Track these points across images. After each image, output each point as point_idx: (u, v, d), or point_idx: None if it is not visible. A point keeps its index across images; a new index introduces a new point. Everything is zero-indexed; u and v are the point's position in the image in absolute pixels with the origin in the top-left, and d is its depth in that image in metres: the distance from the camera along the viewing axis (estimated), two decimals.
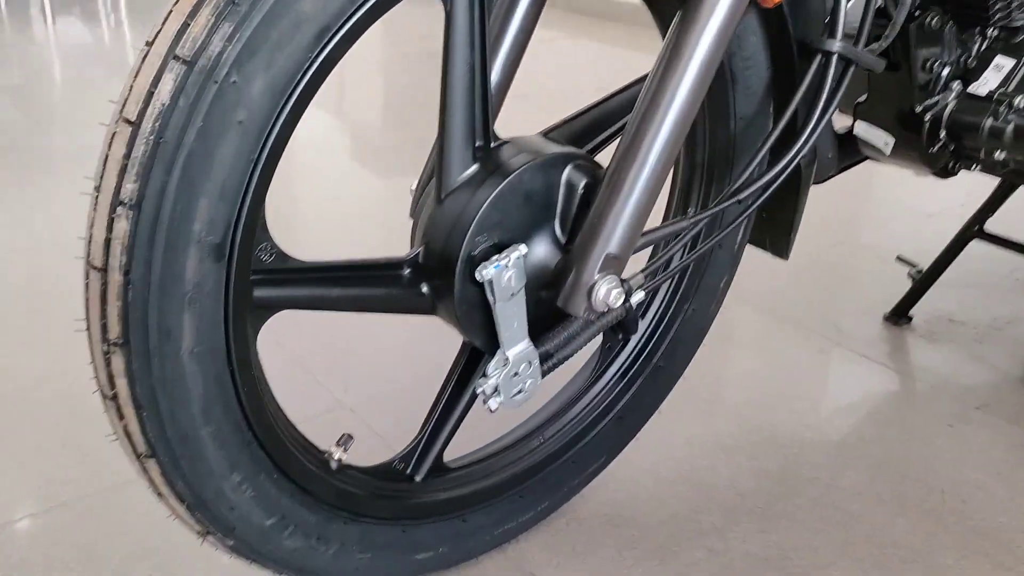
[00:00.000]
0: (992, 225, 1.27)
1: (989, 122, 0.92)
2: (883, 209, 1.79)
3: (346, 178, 1.69)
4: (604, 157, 0.76)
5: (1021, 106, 0.91)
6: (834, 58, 0.75)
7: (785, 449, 1.05)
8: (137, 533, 0.88)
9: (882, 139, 0.99)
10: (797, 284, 1.45)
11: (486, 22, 0.64)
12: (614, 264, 0.67)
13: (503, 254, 0.65)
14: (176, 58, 0.49)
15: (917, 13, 0.92)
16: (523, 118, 0.89)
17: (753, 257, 0.95)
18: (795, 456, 1.04)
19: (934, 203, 1.73)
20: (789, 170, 0.78)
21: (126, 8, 4.22)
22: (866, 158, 1.04)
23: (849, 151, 1.02)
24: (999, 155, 0.95)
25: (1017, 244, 1.24)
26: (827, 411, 1.14)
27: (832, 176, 1.03)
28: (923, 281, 1.34)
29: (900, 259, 1.39)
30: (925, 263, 1.32)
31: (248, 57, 0.50)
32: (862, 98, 1.00)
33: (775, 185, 0.79)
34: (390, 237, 0.80)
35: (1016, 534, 0.92)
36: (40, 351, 1.21)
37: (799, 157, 0.78)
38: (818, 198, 0.97)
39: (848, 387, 1.20)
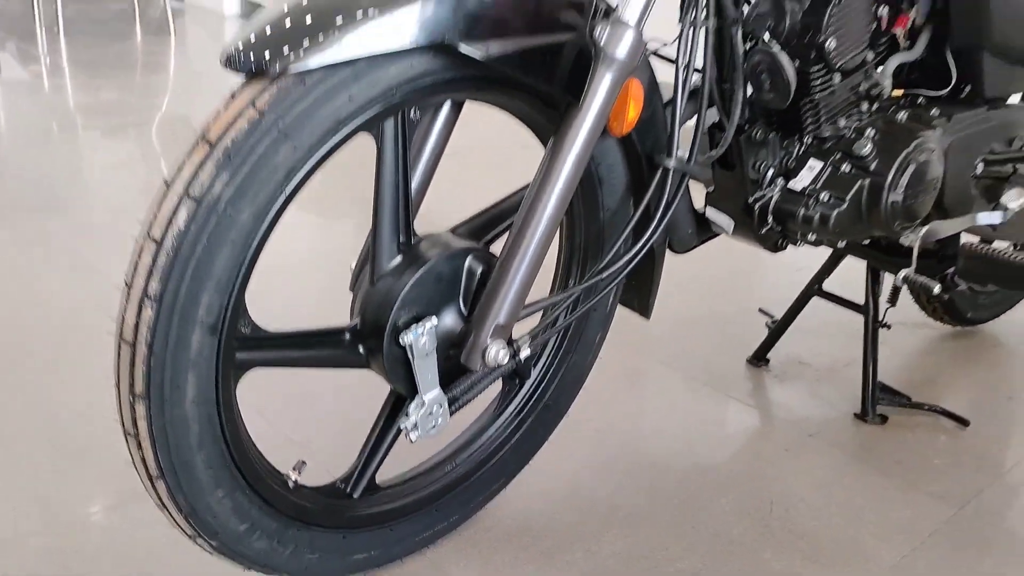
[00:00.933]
0: (831, 284, 1.55)
1: (803, 211, 1.18)
2: (762, 264, 2.08)
3: (301, 255, 1.91)
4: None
5: (824, 200, 1.18)
6: (670, 172, 1.00)
7: (655, 470, 1.29)
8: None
9: (726, 222, 1.25)
10: (678, 332, 1.71)
11: (408, 148, 0.87)
12: (502, 331, 0.90)
13: (420, 324, 0.87)
14: (189, 196, 0.71)
15: (747, 126, 1.19)
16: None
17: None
18: (663, 476, 1.28)
19: (805, 260, 2.03)
20: (643, 252, 1.03)
21: (66, 50, 4.34)
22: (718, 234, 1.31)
23: (705, 228, 1.28)
24: (811, 237, 1.22)
25: (846, 301, 1.52)
26: (692, 439, 1.39)
27: (694, 247, 1.29)
28: (777, 329, 1.61)
29: (761, 311, 1.67)
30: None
31: (239, 196, 0.71)
32: (710, 188, 1.26)
33: (633, 263, 1.03)
34: (338, 303, 1.02)
35: (825, 534, 1.17)
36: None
37: (650, 242, 1.03)
38: (704, 255, 1.23)
39: (711, 420, 1.46)
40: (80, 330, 1.59)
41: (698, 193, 1.19)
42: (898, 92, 1.27)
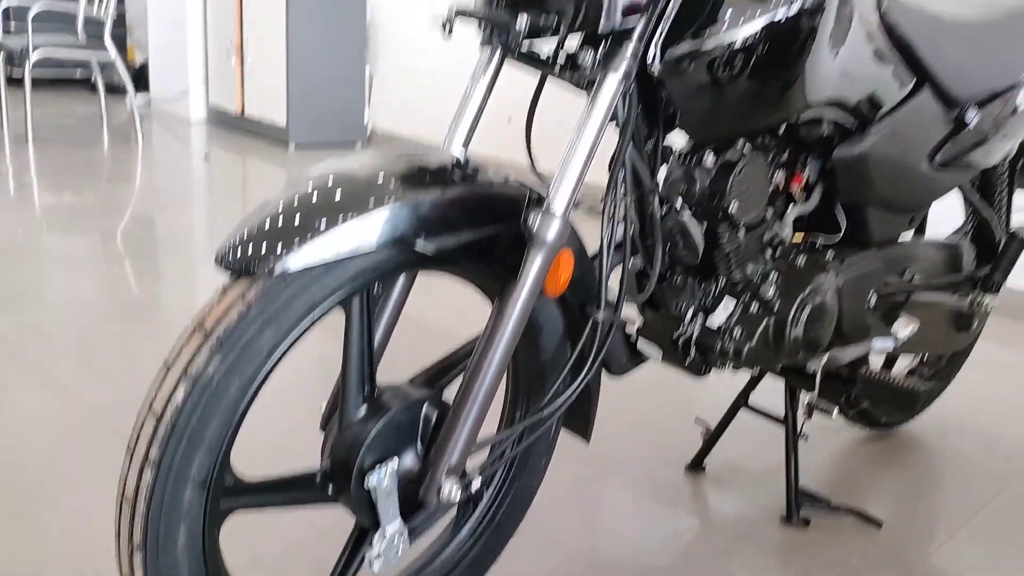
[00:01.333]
0: (758, 395, 1.72)
1: (720, 345, 1.35)
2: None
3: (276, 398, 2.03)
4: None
5: (737, 335, 1.35)
6: (599, 323, 1.17)
7: (599, 571, 1.42)
8: None
9: (655, 352, 1.42)
10: (622, 442, 1.85)
11: (372, 317, 1.02)
12: (455, 470, 1.04)
13: (382, 466, 1.01)
14: (187, 375, 0.85)
15: (668, 273, 1.37)
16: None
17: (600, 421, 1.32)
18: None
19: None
20: (579, 390, 1.18)
21: (34, 156, 4.47)
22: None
23: (639, 354, 1.44)
24: (729, 366, 1.39)
25: (769, 414, 1.68)
26: (638, 544, 1.52)
27: (628, 372, 1.45)
28: (711, 438, 1.77)
29: (697, 420, 1.82)
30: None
31: (229, 373, 0.86)
32: (640, 323, 1.43)
33: (571, 400, 1.18)
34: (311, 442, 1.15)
35: None
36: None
37: (584, 382, 1.18)
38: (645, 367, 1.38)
39: (654, 525, 1.59)
40: (48, 452, 1.69)
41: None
42: (799, 237, 1.47)
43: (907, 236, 1.66)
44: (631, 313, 1.38)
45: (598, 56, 1.06)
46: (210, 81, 5.69)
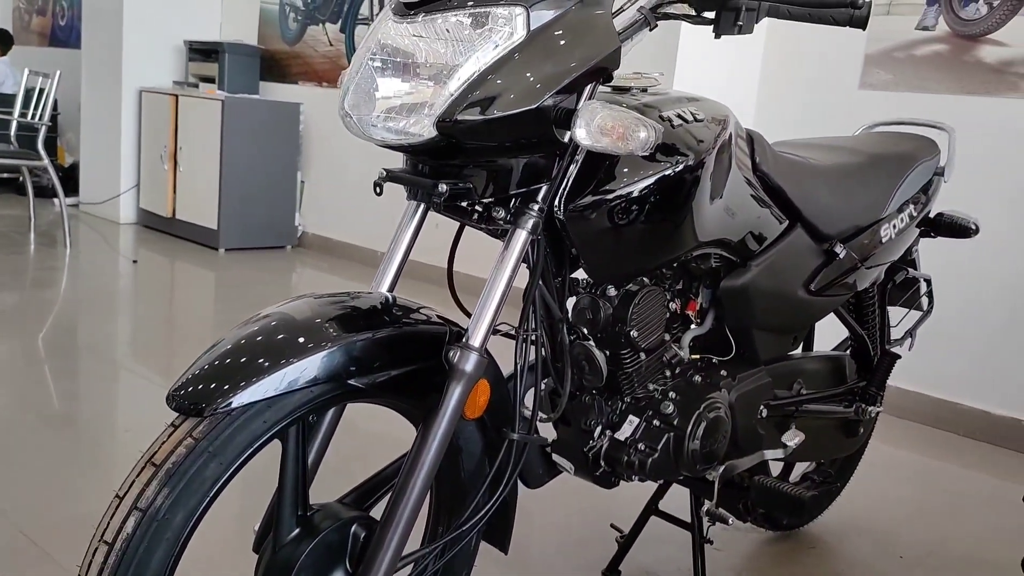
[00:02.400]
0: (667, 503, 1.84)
1: (626, 458, 1.49)
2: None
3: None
4: None
5: (642, 449, 1.49)
6: (515, 442, 1.29)
7: None
8: None
9: (568, 465, 1.54)
10: (544, 550, 1.94)
11: (306, 444, 1.12)
12: None
13: None
14: (137, 508, 0.93)
15: (578, 392, 1.51)
16: None
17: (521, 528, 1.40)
18: None
19: None
20: (497, 505, 1.29)
21: None
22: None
23: (554, 467, 1.56)
24: (636, 479, 1.52)
25: (677, 519, 1.81)
26: None
27: (545, 483, 1.56)
28: (626, 543, 1.88)
29: (612, 526, 1.94)
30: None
31: (175, 504, 0.94)
32: (553, 439, 1.56)
33: (489, 514, 1.29)
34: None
35: None
36: None
37: (502, 498, 1.29)
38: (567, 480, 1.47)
39: None
40: None
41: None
42: (696, 356, 1.63)
43: (797, 352, 1.85)
44: (547, 430, 1.51)
45: (508, 213, 1.22)
46: (142, 185, 5.76)
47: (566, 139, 1.18)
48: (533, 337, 1.28)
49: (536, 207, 1.21)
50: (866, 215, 1.79)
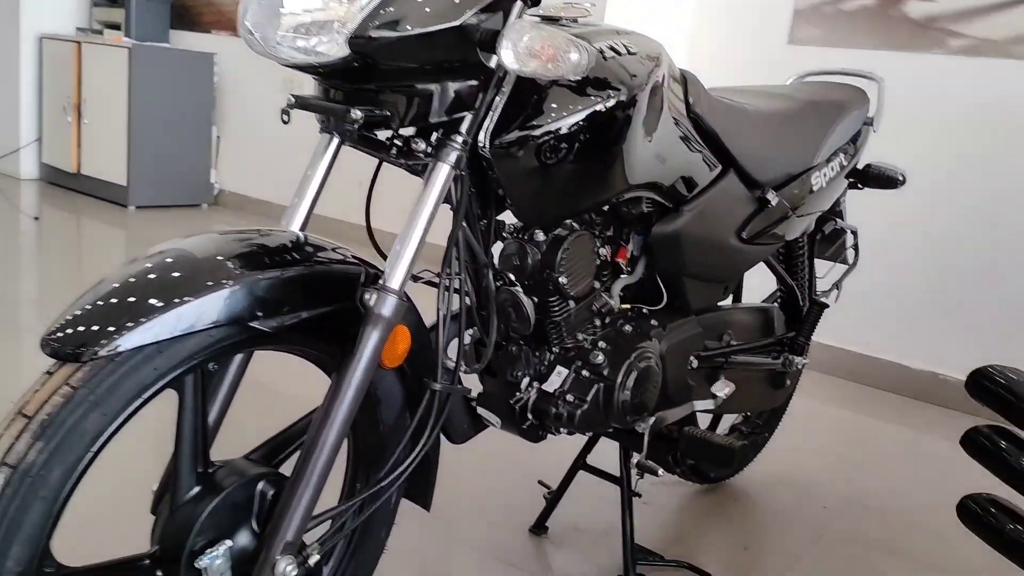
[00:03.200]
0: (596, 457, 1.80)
1: (555, 411, 1.42)
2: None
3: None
4: None
5: (570, 400, 1.43)
6: (437, 393, 1.21)
7: None
8: None
9: (494, 419, 1.47)
10: (466, 508, 1.89)
11: (206, 395, 1.02)
12: (290, 547, 1.04)
13: (214, 548, 1.00)
14: (5, 464, 0.82)
15: (504, 342, 1.44)
16: None
17: (437, 490, 1.33)
18: None
19: None
20: (418, 460, 1.22)
21: None
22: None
23: (480, 421, 1.49)
24: (564, 431, 1.46)
25: (605, 473, 1.77)
26: None
27: (471, 438, 1.49)
28: (553, 499, 1.83)
29: (540, 482, 1.89)
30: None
31: (51, 460, 0.83)
32: (479, 391, 1.49)
33: (410, 469, 1.21)
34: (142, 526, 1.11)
35: None
36: None
37: (423, 452, 1.22)
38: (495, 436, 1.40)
39: None
40: None
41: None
42: (626, 306, 1.58)
43: (727, 303, 1.82)
44: (472, 382, 1.43)
45: (430, 146, 1.13)
46: (44, 138, 5.41)
47: (492, 63, 1.09)
48: (457, 283, 1.20)
49: (460, 139, 1.12)
50: (798, 163, 1.76)
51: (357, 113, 1.04)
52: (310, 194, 1.19)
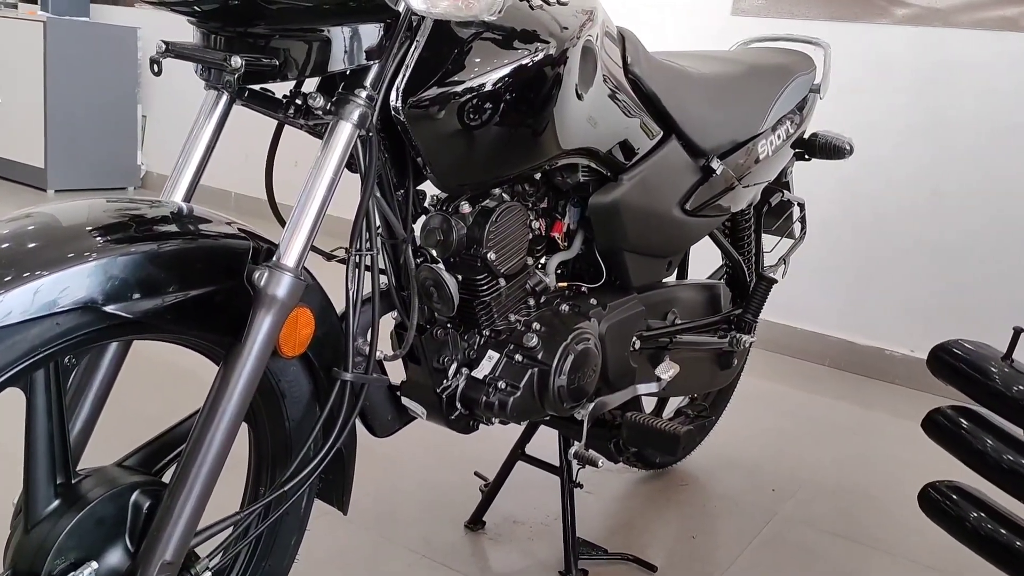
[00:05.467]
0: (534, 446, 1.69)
1: (485, 399, 1.30)
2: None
3: None
4: None
5: (502, 387, 1.30)
6: (349, 384, 1.07)
7: None
8: None
9: (419, 409, 1.34)
10: (399, 504, 1.76)
11: (62, 393, 0.87)
12: (168, 568, 0.90)
13: (78, 571, 0.85)
14: None
15: (428, 326, 1.31)
16: None
17: (365, 485, 1.19)
18: None
19: None
20: (329, 457, 1.08)
21: None
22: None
23: (405, 412, 1.36)
24: (496, 421, 1.34)
25: (545, 463, 1.66)
26: None
27: (396, 431, 1.36)
28: (490, 492, 1.71)
29: (476, 474, 1.77)
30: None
31: None
32: (404, 379, 1.35)
33: (320, 468, 1.08)
34: None
35: None
36: None
37: (335, 448, 1.08)
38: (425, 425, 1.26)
39: None
40: None
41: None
42: (563, 284, 1.46)
43: (671, 279, 1.71)
44: (397, 369, 1.30)
45: (329, 102, 0.99)
46: None
47: (399, 7, 0.95)
48: (368, 261, 1.07)
49: (364, 93, 0.99)
50: (743, 130, 1.66)
51: (237, 61, 0.90)
52: (195, 160, 1.05)
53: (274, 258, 0.95)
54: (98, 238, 0.83)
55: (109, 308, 0.80)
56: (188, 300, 0.87)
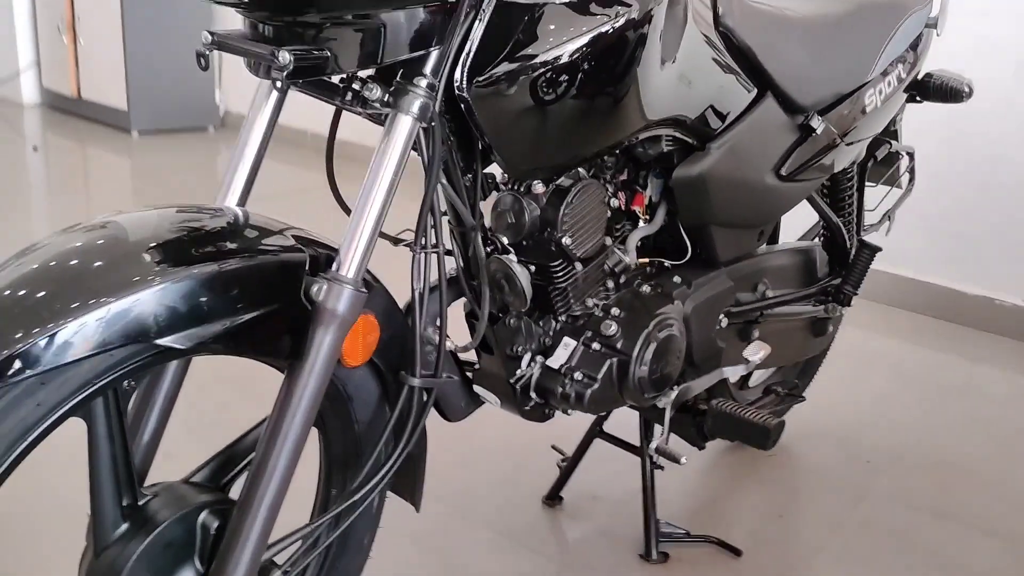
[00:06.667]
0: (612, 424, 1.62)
1: (561, 389, 1.23)
2: None
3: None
4: None
5: (579, 378, 1.23)
6: (416, 389, 1.02)
7: None
8: None
9: (492, 398, 1.29)
10: (477, 477, 1.73)
11: (123, 416, 0.84)
12: None
13: None
14: None
15: (500, 314, 1.24)
16: None
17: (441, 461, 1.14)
18: None
19: None
20: (398, 463, 1.04)
21: None
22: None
23: (477, 397, 1.31)
24: (571, 412, 1.28)
25: (625, 442, 1.59)
26: None
27: (469, 414, 1.31)
28: (569, 467, 1.66)
29: (554, 447, 1.72)
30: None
31: None
32: (476, 367, 1.30)
33: (392, 472, 1.04)
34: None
35: None
36: None
37: (406, 451, 1.04)
38: None
39: (507, 566, 1.47)
40: None
41: None
42: (644, 260, 1.36)
43: (762, 247, 1.58)
44: (468, 351, 1.24)
45: (387, 93, 0.90)
46: (42, 61, 5.18)
47: None
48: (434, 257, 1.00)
49: (424, 82, 0.90)
50: (849, 80, 1.50)
51: (286, 57, 0.82)
52: (250, 158, 0.98)
53: (333, 266, 0.89)
54: (159, 259, 0.79)
55: (164, 341, 0.76)
56: (244, 324, 0.82)
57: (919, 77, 1.72)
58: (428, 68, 0.90)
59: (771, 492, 1.76)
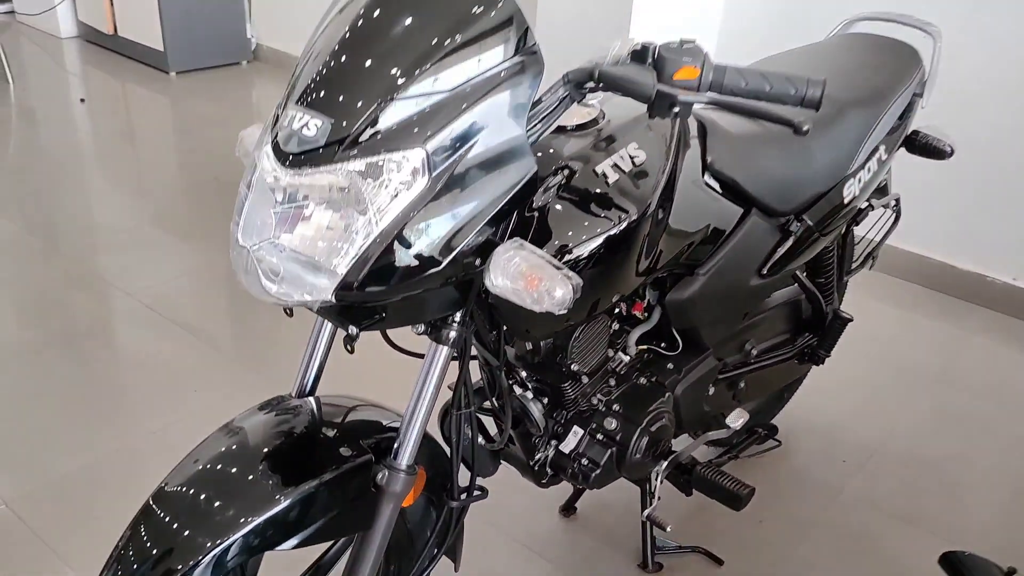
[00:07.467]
0: None
1: (571, 471, 1.53)
2: None
3: None
4: None
5: (585, 464, 1.52)
6: (454, 508, 1.32)
7: None
8: None
9: (516, 470, 1.59)
10: (492, 487, 2.05)
11: None
12: None
13: None
14: None
15: (520, 421, 1.52)
16: None
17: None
18: None
19: None
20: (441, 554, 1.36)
21: None
22: None
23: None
24: (582, 485, 1.57)
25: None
26: None
27: (494, 473, 1.61)
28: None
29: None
30: None
31: None
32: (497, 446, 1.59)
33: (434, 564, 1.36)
34: None
35: None
36: None
37: (445, 548, 1.35)
38: None
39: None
40: None
41: None
42: (643, 347, 1.60)
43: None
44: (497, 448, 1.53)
45: (429, 327, 1.15)
46: None
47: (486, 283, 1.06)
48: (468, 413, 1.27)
49: (456, 324, 1.14)
50: (829, 178, 1.66)
51: (354, 330, 1.07)
52: (320, 352, 1.25)
53: (391, 456, 1.17)
54: (257, 487, 1.06)
55: (283, 547, 1.06)
56: (318, 529, 1.11)
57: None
58: (457, 317, 1.14)
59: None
